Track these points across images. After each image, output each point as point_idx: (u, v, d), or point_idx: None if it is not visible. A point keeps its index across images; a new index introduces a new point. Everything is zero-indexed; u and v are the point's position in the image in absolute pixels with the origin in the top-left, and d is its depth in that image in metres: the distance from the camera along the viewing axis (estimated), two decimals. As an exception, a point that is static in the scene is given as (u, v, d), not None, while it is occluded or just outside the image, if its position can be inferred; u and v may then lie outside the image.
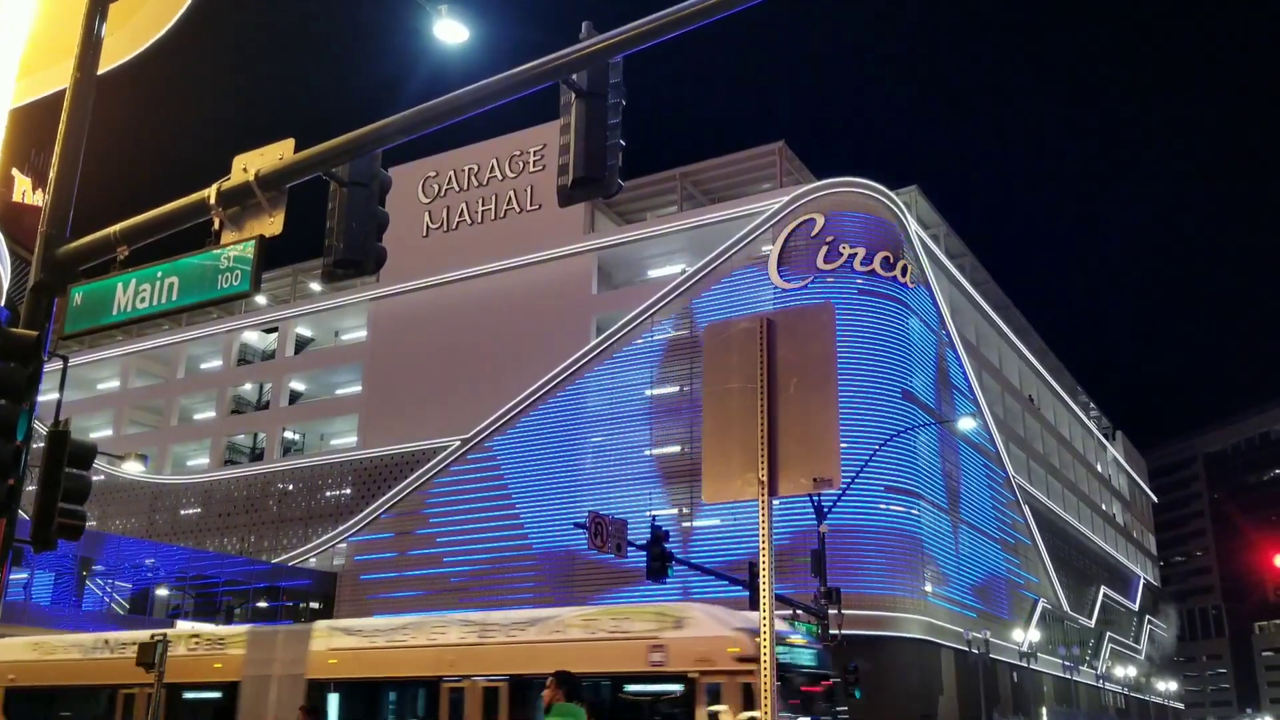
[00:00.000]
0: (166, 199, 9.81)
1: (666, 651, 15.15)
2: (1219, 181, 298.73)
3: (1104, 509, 79.68)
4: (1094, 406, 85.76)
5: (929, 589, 41.78)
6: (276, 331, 60.01)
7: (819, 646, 18.37)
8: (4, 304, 12.88)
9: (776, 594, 9.64)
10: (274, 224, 8.84)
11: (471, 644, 17.23)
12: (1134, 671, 72.77)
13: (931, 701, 40.02)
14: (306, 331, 60.33)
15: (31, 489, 10.28)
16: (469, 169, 53.34)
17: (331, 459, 54.40)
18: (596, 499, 42.29)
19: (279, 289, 61.75)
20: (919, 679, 39.40)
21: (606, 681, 15.71)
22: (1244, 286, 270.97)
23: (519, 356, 48.24)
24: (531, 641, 16.51)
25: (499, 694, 16.57)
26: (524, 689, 16.09)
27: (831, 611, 27.66)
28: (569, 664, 13.72)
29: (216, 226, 9.10)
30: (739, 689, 14.68)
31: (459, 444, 48.85)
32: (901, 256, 44.30)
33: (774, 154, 49.69)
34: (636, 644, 15.30)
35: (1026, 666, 50.59)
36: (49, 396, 18.50)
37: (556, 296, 48.97)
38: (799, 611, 27.10)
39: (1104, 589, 69.25)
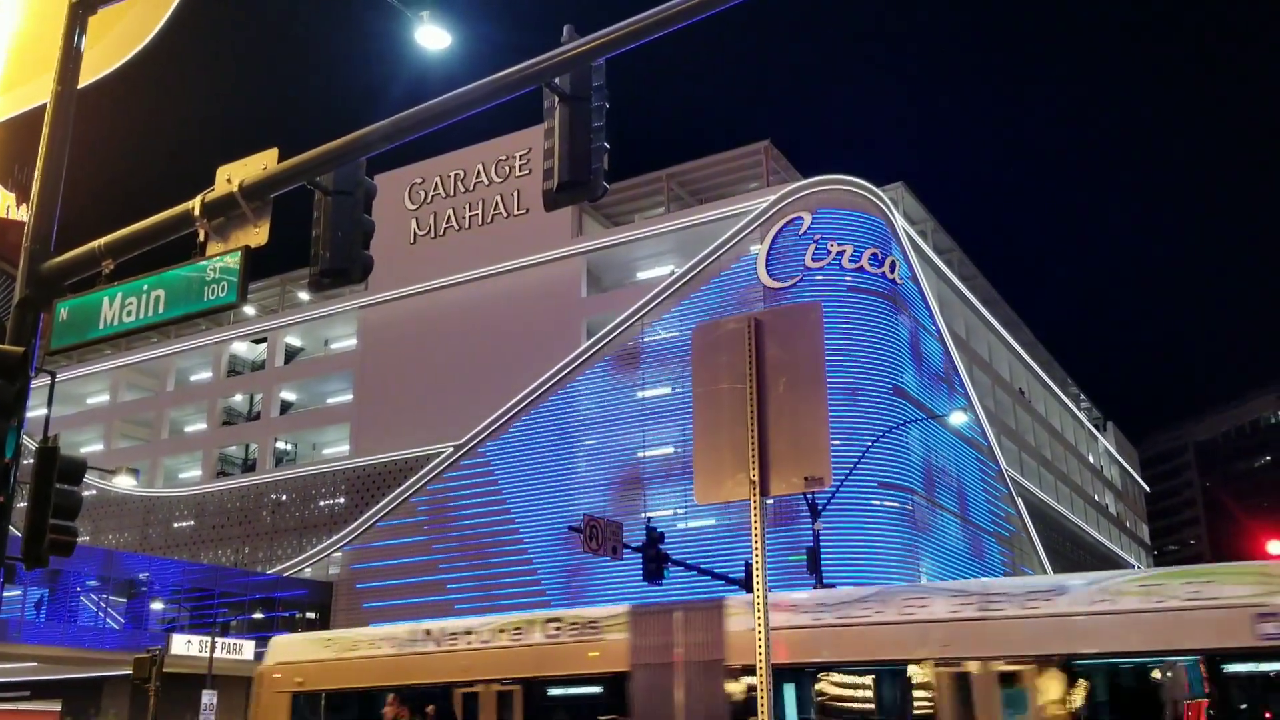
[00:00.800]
0: (151, 211, 9.78)
1: None
2: (1204, 170, 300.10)
3: (1096, 499, 79.95)
4: (1084, 398, 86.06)
5: (924, 582, 41.85)
6: (266, 342, 59.84)
7: None
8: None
9: (772, 591, 9.66)
10: (259, 234, 8.81)
11: (971, 619, 13.53)
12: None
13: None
14: (296, 341, 60.19)
15: (22, 506, 10.22)
16: (455, 175, 53.29)
17: (324, 468, 54.26)
18: (591, 502, 42.28)
19: (267, 299, 61.59)
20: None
21: (1186, 661, 12.20)
22: (1231, 275, 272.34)
23: (510, 361, 48.20)
24: (1064, 614, 12.91)
25: (1024, 679, 12.78)
26: (1072, 674, 12.52)
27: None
28: (1126, 640, 11.84)
29: (202, 238, 9.07)
30: None
31: (452, 450, 48.77)
32: (889, 253, 44.42)
33: (760, 153, 49.76)
34: (1234, 613, 11.84)
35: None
36: (37, 412, 18.43)
37: (546, 300, 48.95)
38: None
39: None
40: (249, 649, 46.54)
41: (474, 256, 51.38)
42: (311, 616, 50.18)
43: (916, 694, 13.46)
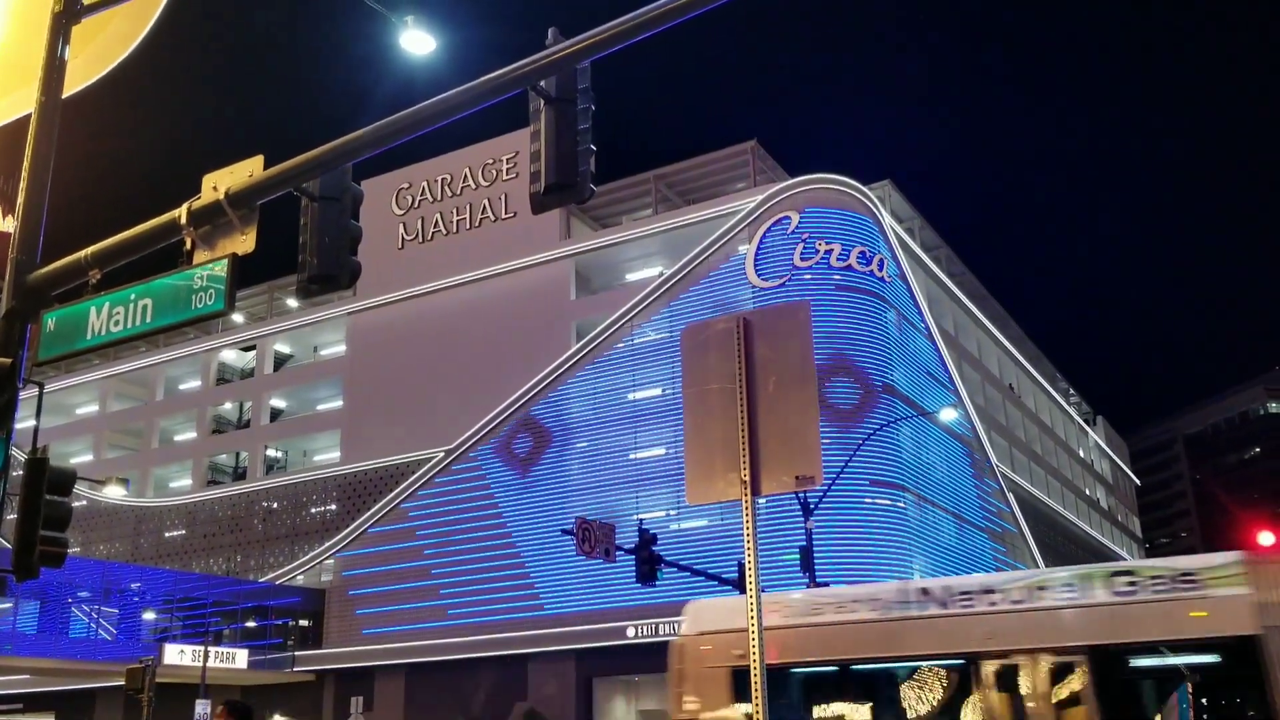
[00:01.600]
0: (137, 220, 9.75)
1: None
2: (1191, 164, 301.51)
3: (1088, 494, 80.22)
4: (1074, 393, 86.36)
5: (917, 579, 41.94)
6: (255, 349, 59.65)
7: None
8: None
9: (766, 591, 9.64)
10: (246, 242, 8.80)
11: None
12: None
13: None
14: (285, 348, 60.01)
15: (12, 518, 10.18)
16: (441, 179, 53.22)
17: (315, 475, 54.10)
18: (584, 504, 42.25)
19: (255, 306, 61.41)
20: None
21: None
22: (1219, 267, 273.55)
23: (500, 365, 48.14)
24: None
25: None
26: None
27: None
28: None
29: (188, 246, 9.05)
30: None
31: (443, 455, 48.68)
32: (877, 251, 44.52)
33: (747, 153, 49.82)
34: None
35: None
36: (26, 424, 18.35)
37: (535, 303, 48.92)
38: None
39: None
40: (242, 658, 46.45)
41: (462, 260, 51.30)
42: (305, 624, 50.03)
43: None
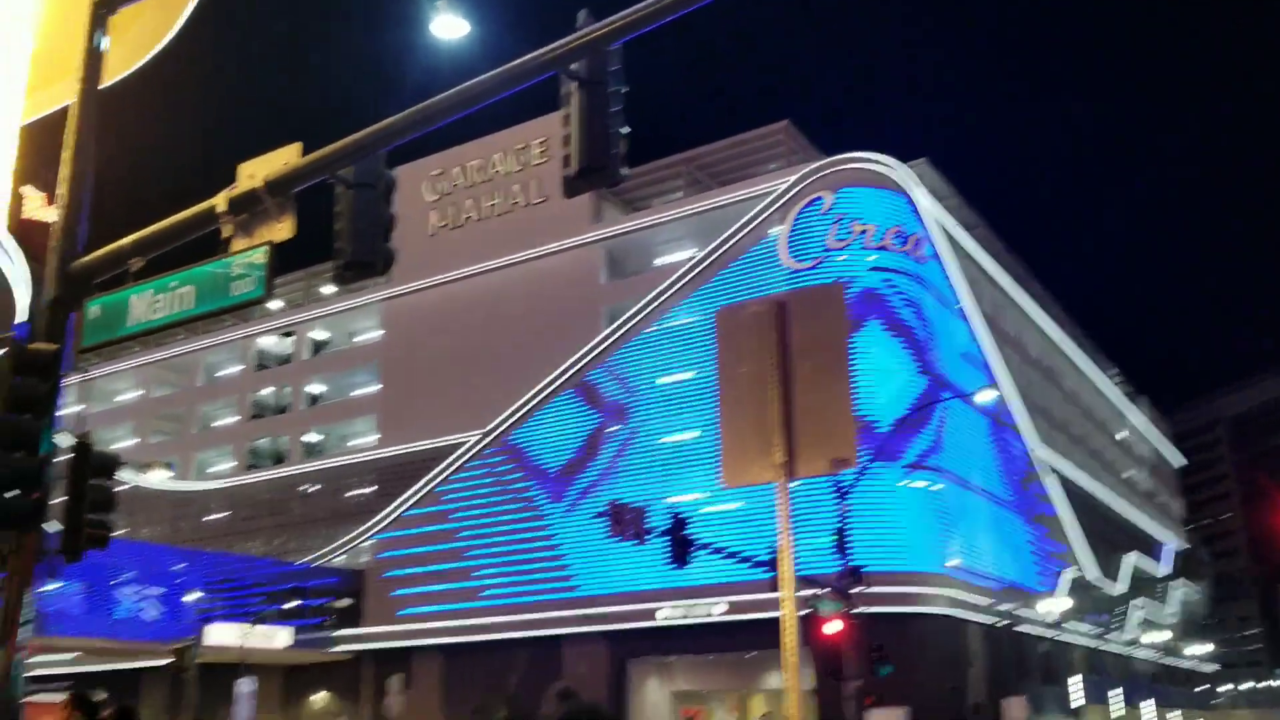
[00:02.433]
0: (176, 209, 9.88)
1: None
2: (1236, 137, 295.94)
3: (1129, 475, 79.33)
4: (1116, 372, 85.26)
5: (955, 563, 41.75)
6: (292, 336, 60.30)
7: None
8: (23, 320, 12.98)
9: (799, 575, 9.70)
10: (283, 229, 8.89)
11: None
12: (1165, 637, 72.54)
13: (960, 675, 40.04)
14: (322, 334, 60.59)
15: (58, 501, 10.38)
16: (473, 165, 53.36)
17: (352, 459, 54.68)
18: (617, 488, 42.41)
19: (292, 293, 61.99)
20: (947, 653, 39.43)
21: None
22: (1264, 245, 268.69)
23: (533, 350, 48.32)
24: None
25: None
26: None
27: (855, 590, 27.67)
28: None
29: (227, 234, 9.17)
30: None
31: (477, 439, 49.01)
32: (913, 231, 44.12)
33: (779, 134, 49.50)
34: None
35: (1055, 637, 50.52)
36: (71, 410, 18.67)
37: (567, 288, 49.03)
38: (825, 591, 27.12)
39: (1131, 555, 69.04)
40: (283, 637, 47.12)
41: (494, 246, 51.50)
42: (344, 604, 50.68)
43: None
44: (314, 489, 55.60)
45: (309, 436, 58.88)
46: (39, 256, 12.08)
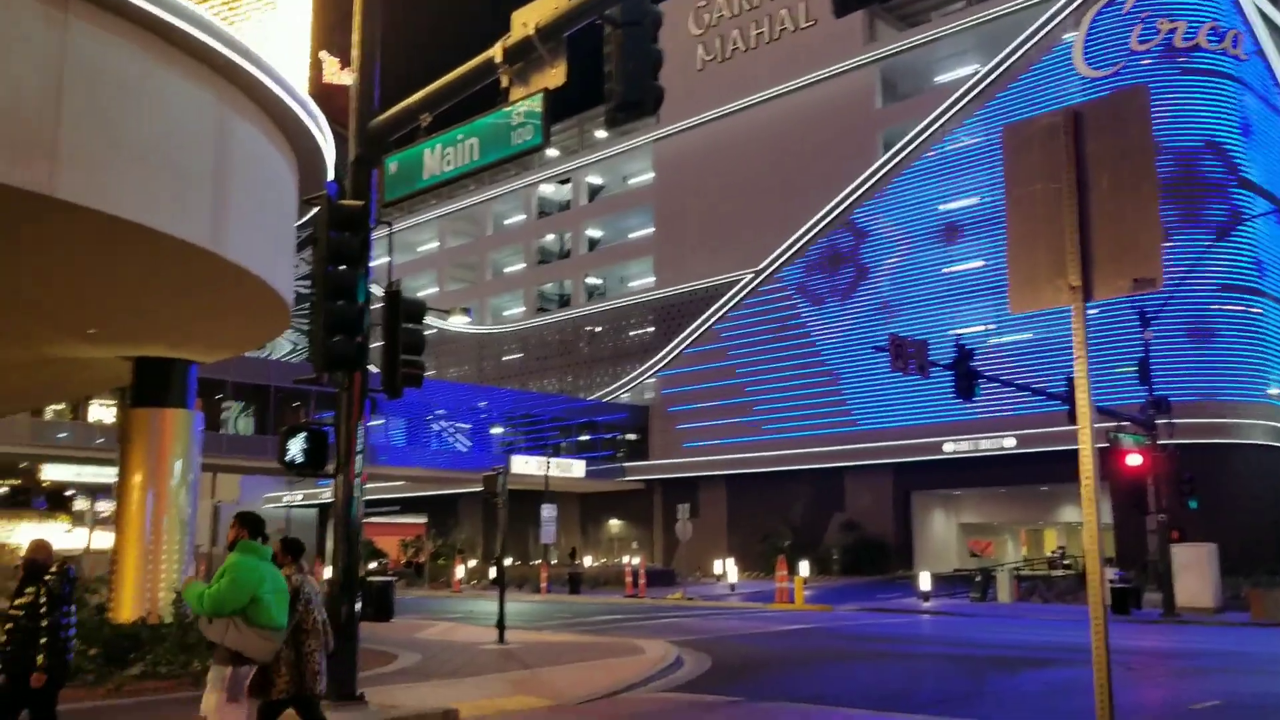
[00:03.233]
0: (458, 63, 10.29)
1: None
2: None
3: None
4: None
5: (1275, 391, 38.28)
6: (570, 182, 62.36)
7: None
8: (331, 180, 14.13)
9: (1098, 406, 9.17)
10: (557, 75, 9.06)
11: None
12: None
13: (1280, 510, 37.22)
14: (597, 179, 62.21)
15: (376, 345, 11.45)
16: (739, -7, 51.89)
17: (632, 300, 56.62)
18: (895, 321, 41.62)
19: (568, 140, 63.70)
20: (1266, 486, 36.65)
21: None
22: None
23: (805, 183, 47.45)
24: None
25: None
26: None
27: (1161, 422, 26.12)
28: None
29: (505, 84, 9.46)
30: None
31: (751, 276, 49.26)
32: (1231, 25, 39.00)
33: (1073, -74, 44.59)
34: None
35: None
36: (380, 261, 20.34)
37: (840, 115, 47.40)
38: (1125, 424, 25.79)
39: None
40: (579, 468, 50.57)
41: (762, 77, 50.36)
42: (632, 438, 53.50)
43: None
44: (598, 329, 58.28)
45: (590, 279, 61.35)
46: (340, 119, 13.01)
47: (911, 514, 44.32)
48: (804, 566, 34.12)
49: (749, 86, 50.81)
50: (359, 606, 10.62)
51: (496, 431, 53.09)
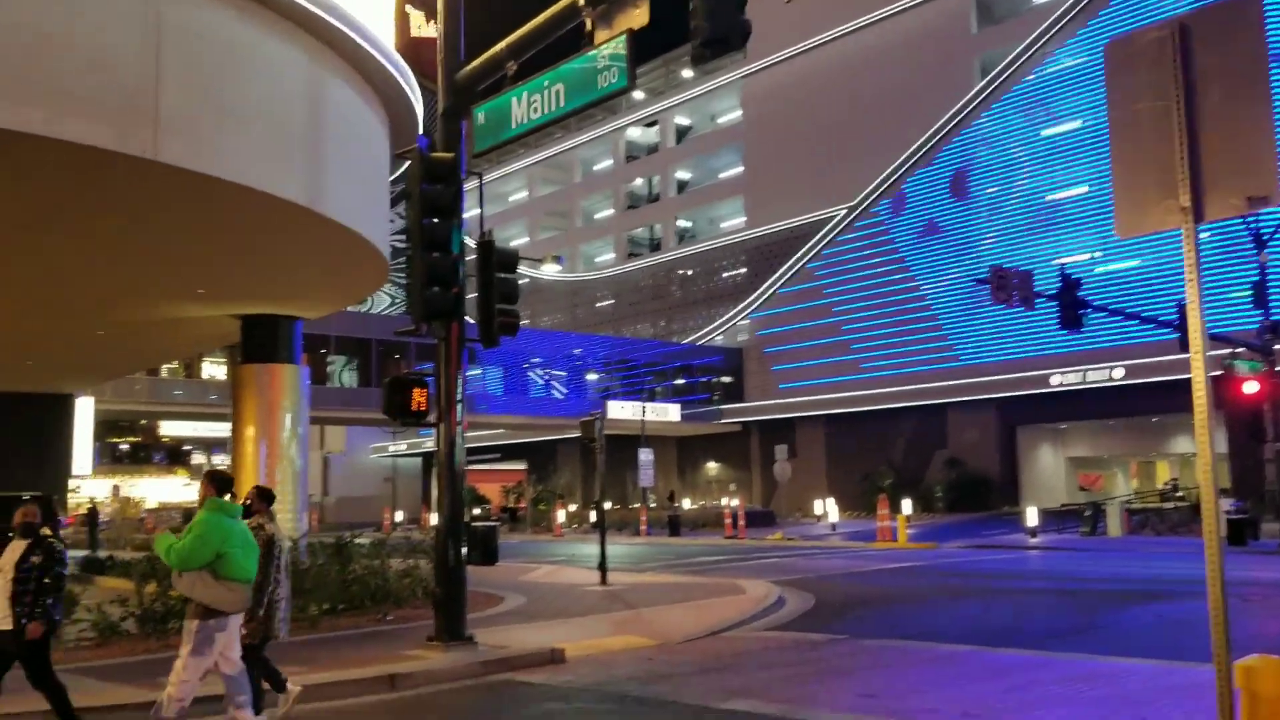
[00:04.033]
0: (541, 9, 10.26)
1: None
2: None
3: None
4: None
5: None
6: (657, 125, 61.91)
7: None
8: (422, 134, 14.29)
9: (1212, 333, 8.80)
10: (640, 14, 8.98)
11: None
12: None
13: None
14: (684, 120, 61.63)
15: (471, 296, 11.63)
16: (825, -81, 50.45)
17: (723, 242, 56.23)
18: (996, 252, 40.57)
19: (654, 82, 63.14)
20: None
21: None
22: None
23: (899, 114, 46.26)
24: None
25: None
26: None
27: (1278, 347, 25.07)
28: None
29: (589, 27, 9.42)
30: None
31: (845, 213, 48.45)
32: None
33: None
34: None
35: None
36: (471, 212, 20.57)
37: (933, 42, 45.95)
38: (1240, 350, 24.83)
39: None
40: (674, 411, 50.81)
41: (853, 6, 49.07)
42: (727, 380, 53.49)
43: None
44: (689, 273, 58.11)
45: (681, 222, 61.09)
46: (428, 72, 13.13)
47: (1017, 449, 43.54)
48: (906, 505, 33.87)
49: (839, 17, 49.57)
50: (465, 551, 10.93)
51: (592, 378, 53.58)
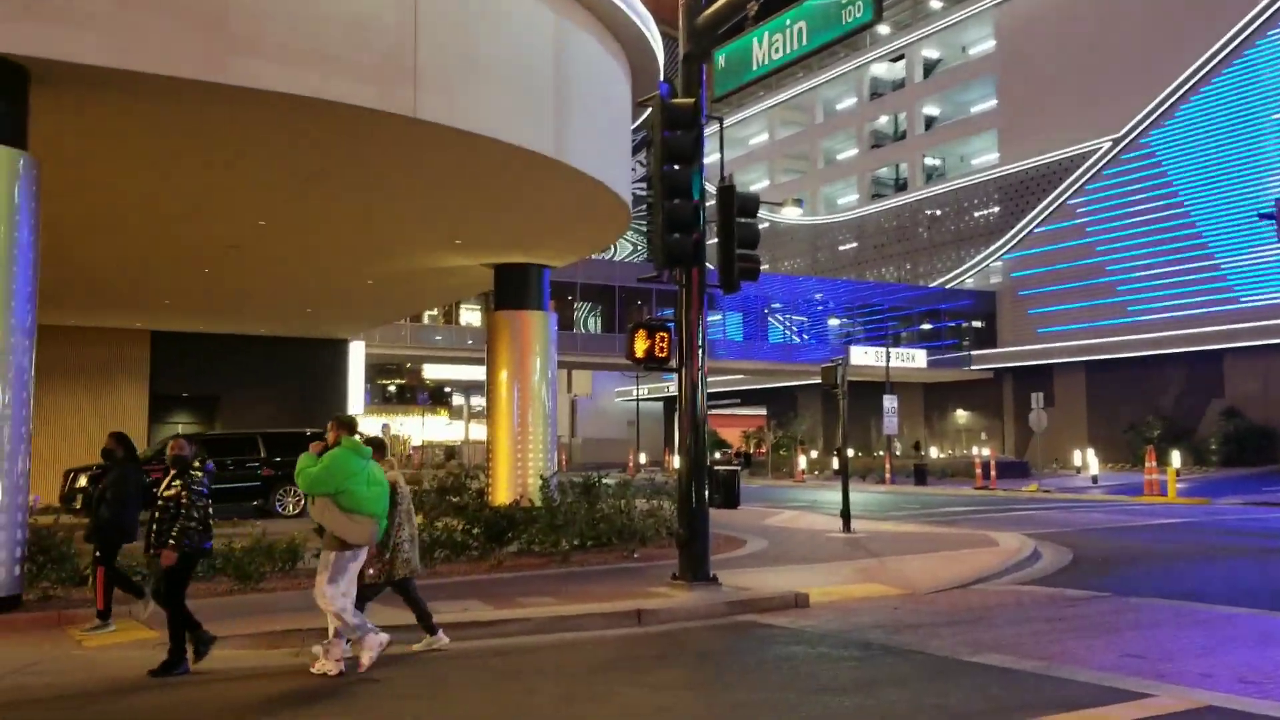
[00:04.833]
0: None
1: None
2: None
3: None
4: None
5: None
6: (903, 59, 59.59)
7: None
8: (663, 80, 14.39)
9: None
10: (886, -57, 8.63)
11: None
12: None
13: None
14: (932, 53, 58.99)
15: (711, 243, 11.69)
16: None
17: (974, 179, 53.71)
18: (1288, 182, 36.78)
19: (900, 14, 60.76)
20: None
21: None
22: None
23: (1170, 35, 42.44)
24: None
25: None
26: None
27: None
28: None
29: (831, -40, 9.14)
30: None
31: (1109, 145, 45.12)
32: None
33: None
34: None
35: None
36: (711, 158, 20.62)
37: (1215, -49, 41.77)
38: None
39: None
40: (920, 358, 49.40)
41: (1121, -83, 45.26)
42: (978, 325, 51.39)
43: None
44: (937, 213, 55.94)
45: (928, 160, 58.79)
46: (668, 18, 13.18)
47: (1307, 400, 39.70)
48: (1176, 457, 31.63)
49: (1103, -70, 45.89)
50: (707, 493, 11.10)
51: (833, 323, 52.79)
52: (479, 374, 46.91)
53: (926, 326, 52.21)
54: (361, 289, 21.05)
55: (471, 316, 47.25)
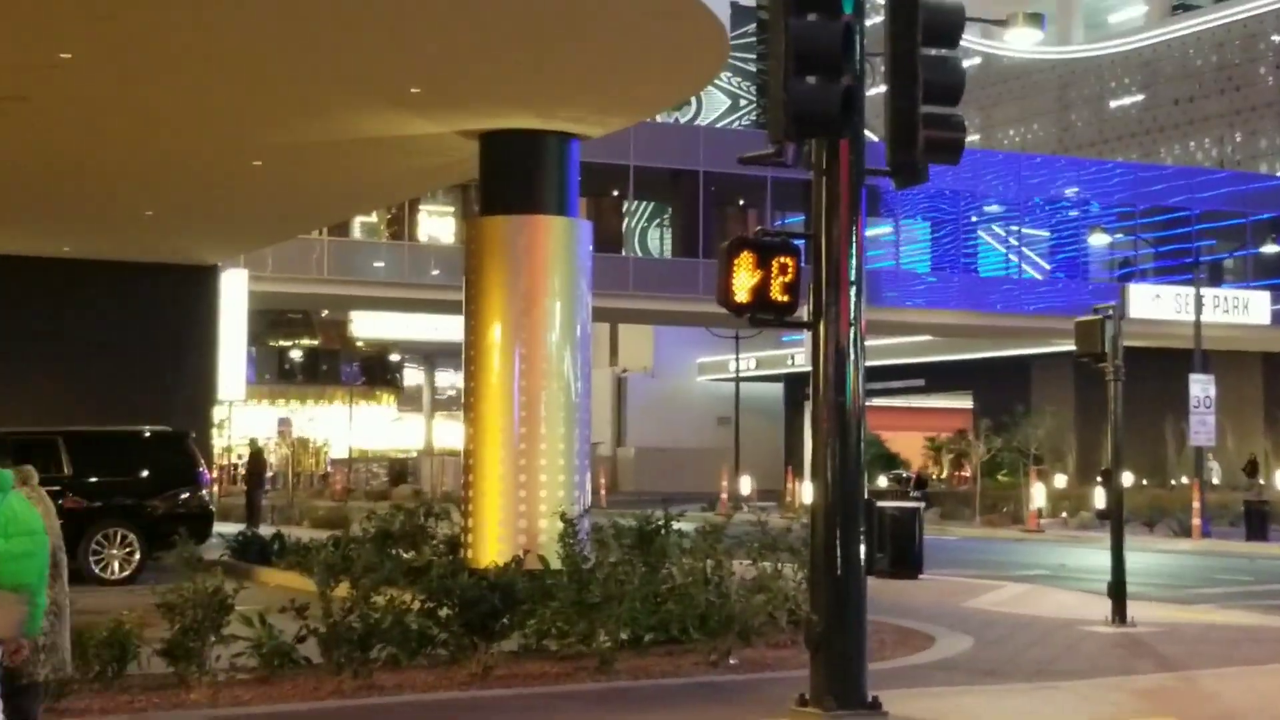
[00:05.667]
0: None
1: None
2: None
3: None
4: None
5: None
6: None
7: None
8: None
9: None
10: None
11: None
12: None
13: None
14: None
15: (873, 94, 11.53)
16: None
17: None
18: None
19: None
20: None
21: None
22: None
23: None
24: None
25: None
26: None
27: None
28: None
29: None
30: None
31: None
32: None
33: None
34: None
35: None
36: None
37: None
38: None
39: None
40: (1259, 305, 48.69)
41: None
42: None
43: None
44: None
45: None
46: None
47: None
48: None
49: None
50: (865, 551, 10.98)
51: (1097, 243, 52.34)
52: (452, 331, 47.12)
53: (1271, 250, 51.61)
54: (242, 175, 21.25)
55: (438, 228, 47.45)
